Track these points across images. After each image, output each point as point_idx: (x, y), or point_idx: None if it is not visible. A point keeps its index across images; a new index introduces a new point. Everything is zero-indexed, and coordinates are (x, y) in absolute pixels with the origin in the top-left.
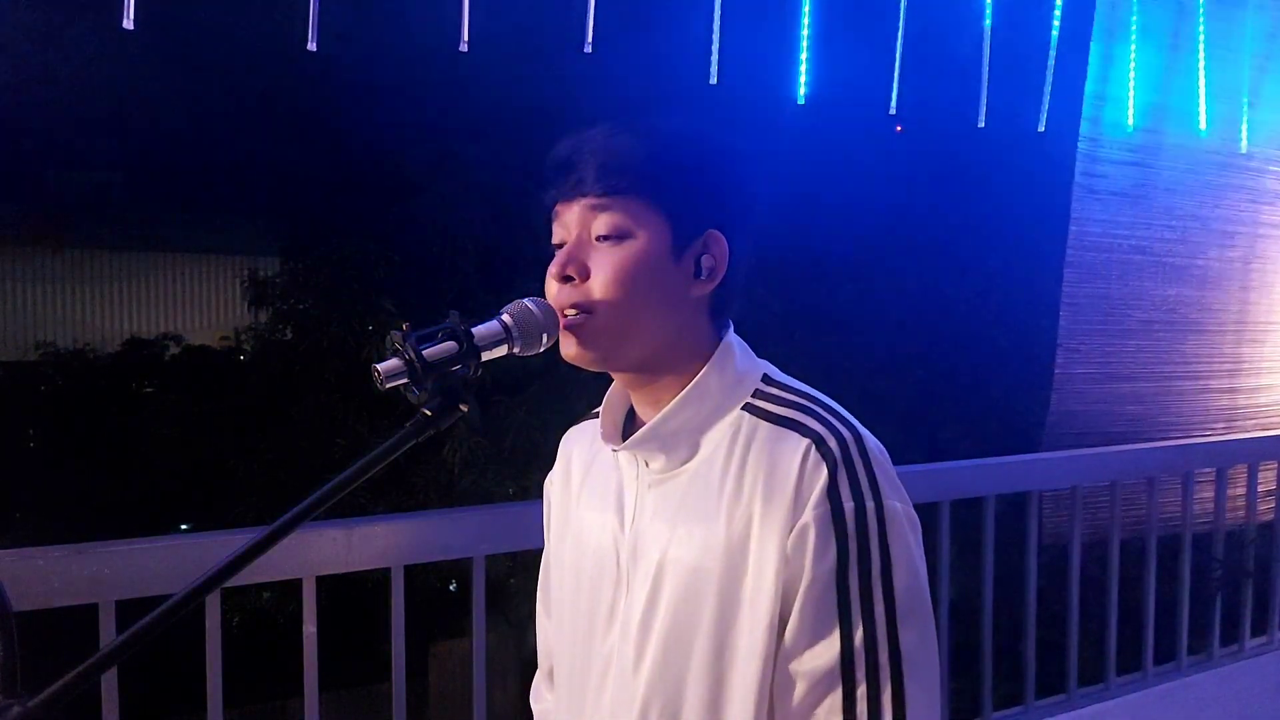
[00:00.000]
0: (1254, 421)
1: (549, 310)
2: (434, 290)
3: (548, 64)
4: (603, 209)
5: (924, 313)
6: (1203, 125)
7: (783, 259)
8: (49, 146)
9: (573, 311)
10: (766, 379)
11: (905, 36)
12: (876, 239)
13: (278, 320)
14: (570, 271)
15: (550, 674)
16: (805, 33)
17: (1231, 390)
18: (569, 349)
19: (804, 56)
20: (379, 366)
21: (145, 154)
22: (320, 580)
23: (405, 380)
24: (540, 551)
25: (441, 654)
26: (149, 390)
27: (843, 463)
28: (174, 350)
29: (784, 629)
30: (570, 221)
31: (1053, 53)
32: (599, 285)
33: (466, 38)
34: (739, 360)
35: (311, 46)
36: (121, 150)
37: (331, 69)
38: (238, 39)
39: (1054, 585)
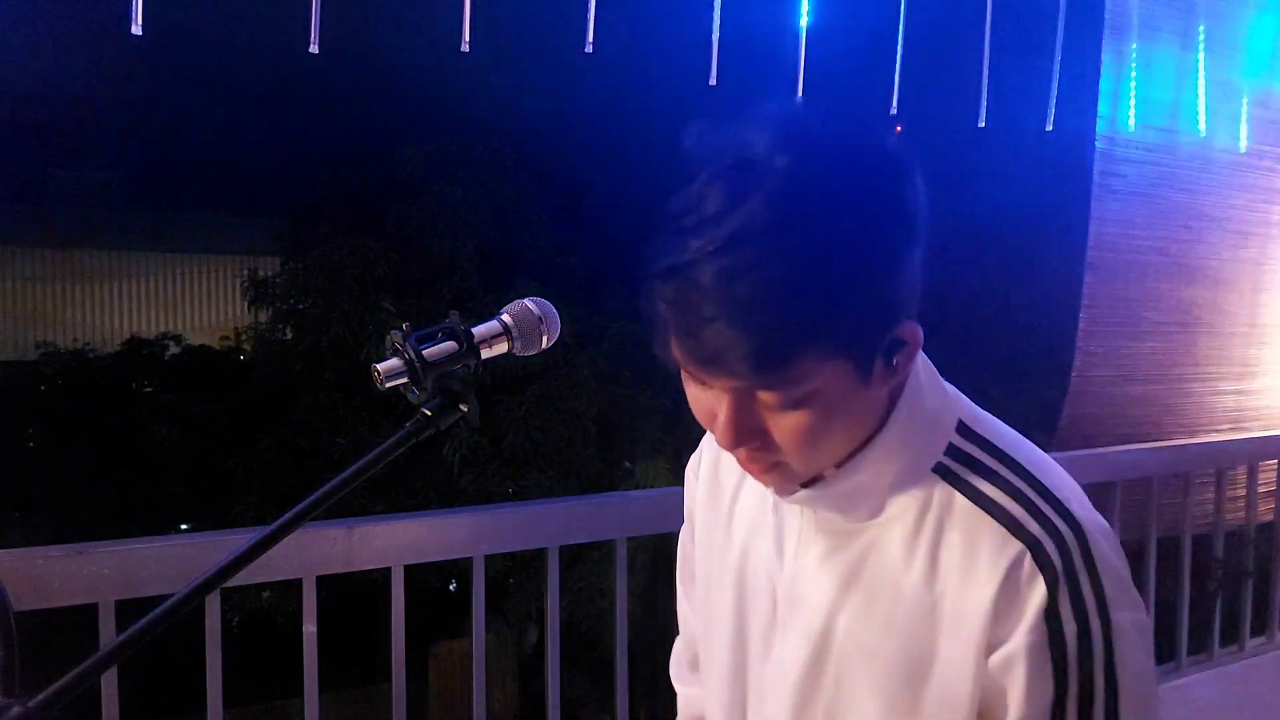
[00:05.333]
0: (1259, 423)
1: (549, 310)
2: (434, 290)
3: (548, 64)
4: (766, 388)
5: (920, 314)
6: (1201, 125)
7: None
8: (50, 146)
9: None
10: (963, 429)
11: (905, 36)
12: None
13: (278, 320)
14: (749, 448)
15: (693, 660)
16: (803, 34)
17: (1238, 392)
18: (768, 483)
19: (802, 56)
20: (379, 366)
21: (145, 154)
22: (320, 580)
23: (405, 380)
24: (538, 551)
25: (441, 654)
26: (149, 390)
27: (1064, 576)
28: (174, 350)
29: None
30: (720, 388)
31: (1058, 52)
32: (786, 447)
33: (467, 38)
34: (928, 402)
35: (313, 49)
36: (122, 150)
37: (332, 70)
38: (238, 40)
39: None
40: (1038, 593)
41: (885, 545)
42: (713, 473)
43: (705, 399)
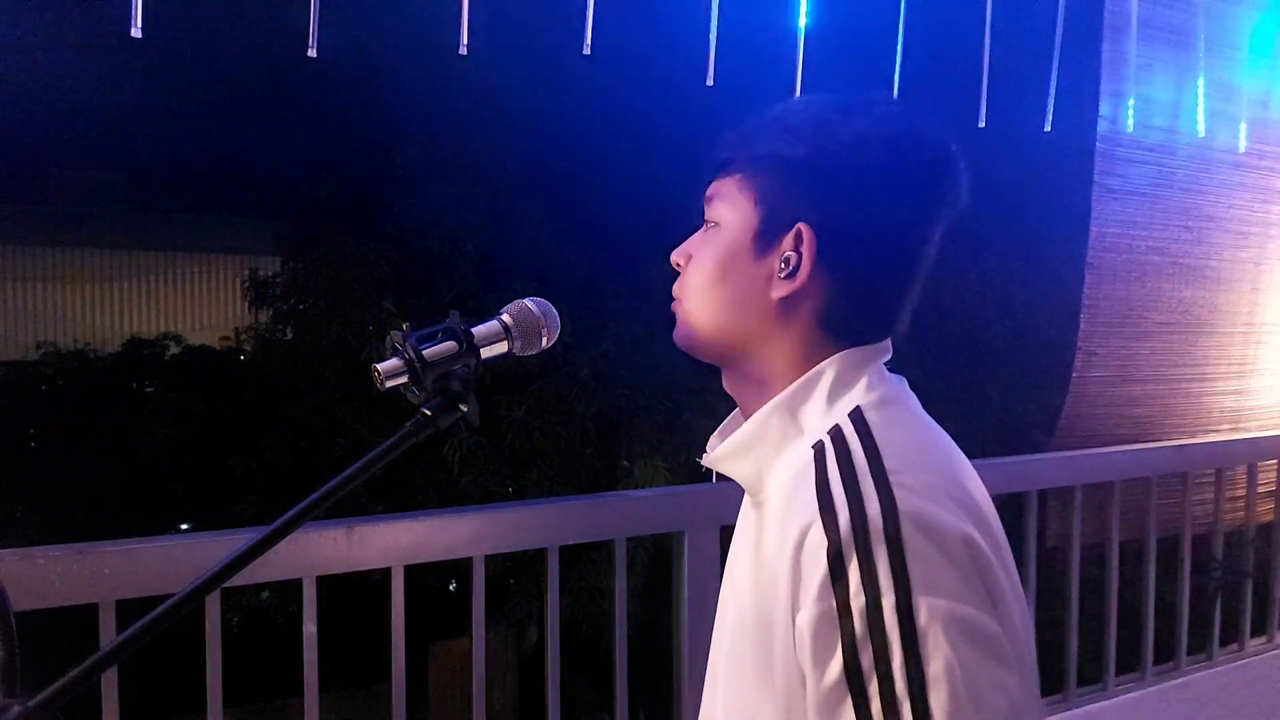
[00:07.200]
0: (1258, 423)
1: (549, 310)
2: (434, 290)
3: (547, 66)
4: (713, 195)
5: (917, 313)
6: (1201, 125)
7: None
8: (50, 146)
9: (675, 300)
10: (857, 415)
11: (905, 37)
12: None
13: (278, 320)
14: (678, 259)
15: None
16: (801, 35)
17: (1238, 392)
18: (677, 332)
19: (800, 57)
20: (379, 366)
21: (145, 154)
22: (321, 580)
23: (405, 380)
24: (538, 551)
25: (441, 654)
26: (149, 390)
27: (856, 548)
28: (174, 350)
29: None
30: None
31: (1057, 52)
32: (688, 274)
33: (466, 40)
34: (831, 384)
35: (311, 53)
36: (121, 150)
37: (332, 70)
38: (239, 41)
39: (1053, 585)
40: (820, 562)
41: (767, 525)
42: None
43: None
